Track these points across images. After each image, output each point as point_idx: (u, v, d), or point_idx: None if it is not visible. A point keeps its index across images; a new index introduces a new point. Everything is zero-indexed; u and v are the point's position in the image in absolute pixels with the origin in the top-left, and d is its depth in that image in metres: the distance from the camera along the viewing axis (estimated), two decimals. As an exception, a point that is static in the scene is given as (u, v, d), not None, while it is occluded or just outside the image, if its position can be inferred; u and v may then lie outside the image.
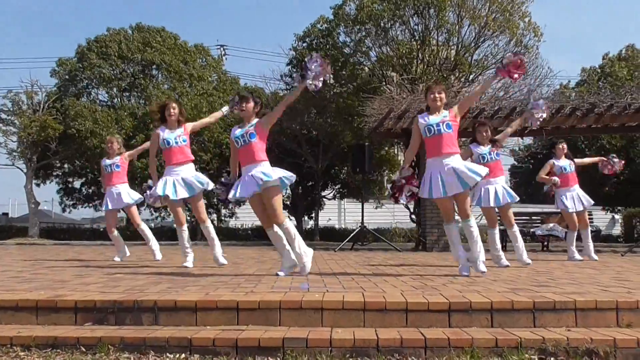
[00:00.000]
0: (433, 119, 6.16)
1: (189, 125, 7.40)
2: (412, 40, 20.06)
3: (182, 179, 7.07)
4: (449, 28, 19.57)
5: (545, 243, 14.78)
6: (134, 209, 8.96)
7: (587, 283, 5.28)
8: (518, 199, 7.84)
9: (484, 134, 7.82)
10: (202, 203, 7.36)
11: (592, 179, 26.26)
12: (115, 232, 8.90)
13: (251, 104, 6.16)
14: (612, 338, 3.63)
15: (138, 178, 20.99)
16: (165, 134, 7.18)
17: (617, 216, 30.23)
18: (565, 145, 9.59)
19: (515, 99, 13.88)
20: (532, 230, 14.99)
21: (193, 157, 7.38)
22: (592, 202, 9.69)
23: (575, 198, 9.38)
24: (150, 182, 7.70)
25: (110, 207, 8.76)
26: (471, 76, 19.75)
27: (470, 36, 19.54)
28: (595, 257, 9.49)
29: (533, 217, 16.01)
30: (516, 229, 7.93)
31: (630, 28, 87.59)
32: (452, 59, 20.00)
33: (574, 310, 4.01)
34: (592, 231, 14.54)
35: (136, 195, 8.81)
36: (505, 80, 8.33)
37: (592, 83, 25.34)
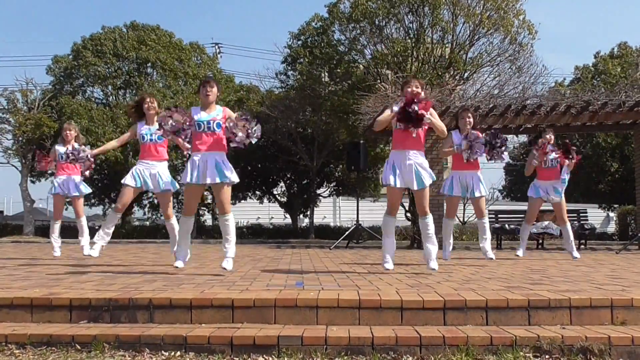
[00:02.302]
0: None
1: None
2: (407, 38, 20.03)
3: (150, 173, 7.05)
4: (443, 26, 19.54)
5: (540, 241, 14.80)
6: (80, 200, 8.86)
7: (582, 281, 5.30)
8: (486, 194, 7.68)
9: (467, 119, 7.54)
10: (168, 201, 7.37)
11: (587, 176, 26.42)
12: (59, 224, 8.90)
13: (215, 89, 6.06)
14: (607, 336, 3.64)
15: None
16: (143, 129, 7.15)
17: (611, 214, 30.32)
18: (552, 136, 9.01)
19: (510, 97, 13.90)
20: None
21: (167, 157, 7.33)
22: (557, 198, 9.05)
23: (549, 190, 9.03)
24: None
25: (59, 192, 8.69)
26: (466, 74, 19.73)
27: (464, 34, 19.51)
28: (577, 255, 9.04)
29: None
30: (486, 220, 7.64)
31: (622, 26, 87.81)
32: (447, 56, 19.97)
33: (568, 308, 4.03)
34: (587, 229, 14.66)
35: (86, 189, 8.78)
36: (500, 78, 8.21)
37: (586, 81, 25.39)
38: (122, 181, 7.05)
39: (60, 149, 8.74)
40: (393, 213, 6.22)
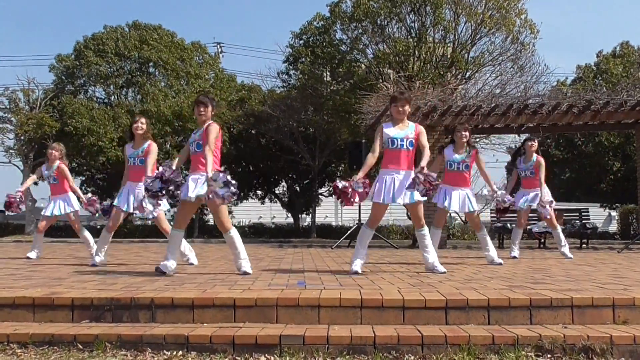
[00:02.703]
0: (397, 132, 6.05)
1: (153, 151, 7.25)
2: (409, 37, 20.02)
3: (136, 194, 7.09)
4: (445, 25, 19.53)
5: (542, 240, 14.79)
6: (76, 215, 8.81)
7: (584, 280, 5.30)
8: (477, 209, 7.71)
9: (462, 132, 7.51)
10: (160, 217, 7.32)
11: (589, 175, 26.40)
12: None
13: (209, 108, 6.00)
14: (609, 335, 3.64)
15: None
16: (128, 150, 7.31)
17: (613, 213, 30.25)
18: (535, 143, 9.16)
19: (512, 96, 13.89)
20: (528, 227, 14.99)
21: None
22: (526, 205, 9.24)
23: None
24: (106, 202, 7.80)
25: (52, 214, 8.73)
26: (467, 73, 19.73)
27: (466, 33, 19.51)
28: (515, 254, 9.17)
29: (529, 215, 15.98)
30: (484, 233, 7.74)
31: (624, 25, 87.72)
32: (449, 56, 19.96)
33: (570, 307, 4.03)
34: (589, 228, 14.64)
35: (74, 206, 8.73)
36: (502, 77, 8.23)
37: (587, 80, 25.35)
38: (115, 203, 7.26)
39: (44, 171, 8.91)
40: (374, 226, 6.23)
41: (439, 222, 7.79)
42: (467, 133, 7.55)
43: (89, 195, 8.69)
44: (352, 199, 5.87)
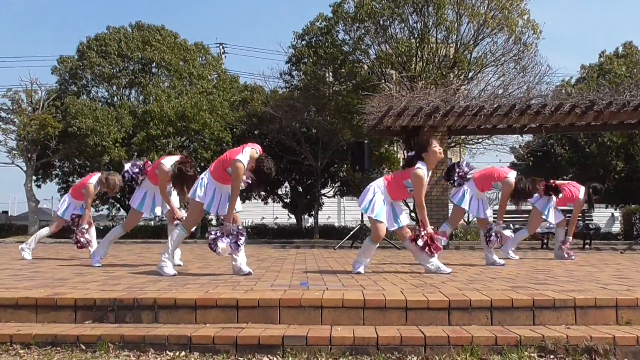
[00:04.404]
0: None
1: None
2: (411, 38, 20.01)
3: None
4: (447, 26, 19.52)
5: (545, 241, 14.77)
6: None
7: (587, 280, 5.29)
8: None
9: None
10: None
11: (592, 175, 26.33)
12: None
13: None
14: (612, 336, 3.63)
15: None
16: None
17: (616, 213, 30.22)
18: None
19: (514, 96, 13.88)
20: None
21: None
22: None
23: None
24: None
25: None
26: (470, 74, 19.71)
27: (469, 34, 19.49)
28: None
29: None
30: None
31: (627, 25, 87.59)
32: (451, 56, 19.95)
33: (573, 307, 4.02)
34: (591, 228, 14.63)
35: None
36: (505, 77, 8.29)
37: (591, 80, 25.31)
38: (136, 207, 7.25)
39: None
40: (378, 242, 6.26)
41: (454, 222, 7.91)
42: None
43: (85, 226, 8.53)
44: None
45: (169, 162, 6.67)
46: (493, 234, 7.53)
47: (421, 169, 5.96)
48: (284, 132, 23.56)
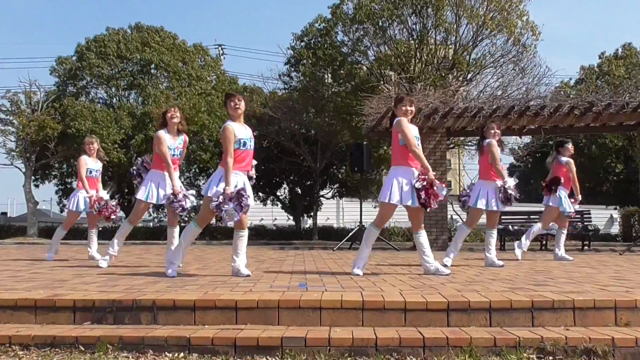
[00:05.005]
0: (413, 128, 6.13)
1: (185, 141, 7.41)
2: (410, 39, 20.02)
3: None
4: (446, 27, 19.53)
5: (544, 242, 14.78)
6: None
7: (586, 282, 5.29)
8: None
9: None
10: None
11: (591, 176, 26.36)
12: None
13: (243, 102, 5.96)
14: (611, 337, 3.63)
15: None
16: (168, 140, 7.12)
17: (615, 215, 30.22)
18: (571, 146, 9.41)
19: (513, 98, 13.89)
20: (530, 229, 14.97)
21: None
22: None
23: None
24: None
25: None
26: (469, 75, 19.73)
27: (468, 35, 19.50)
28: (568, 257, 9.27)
29: (532, 216, 15.98)
30: (494, 233, 8.05)
31: (626, 27, 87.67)
32: (450, 58, 19.97)
33: (572, 309, 4.02)
34: (590, 230, 14.63)
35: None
36: (504, 79, 8.34)
37: (590, 82, 25.34)
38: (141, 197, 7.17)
39: (89, 163, 8.89)
40: (382, 226, 6.23)
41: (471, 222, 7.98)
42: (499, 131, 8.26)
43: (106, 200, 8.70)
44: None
45: (163, 132, 7.05)
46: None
47: (399, 118, 6.03)
48: (283, 133, 23.58)
